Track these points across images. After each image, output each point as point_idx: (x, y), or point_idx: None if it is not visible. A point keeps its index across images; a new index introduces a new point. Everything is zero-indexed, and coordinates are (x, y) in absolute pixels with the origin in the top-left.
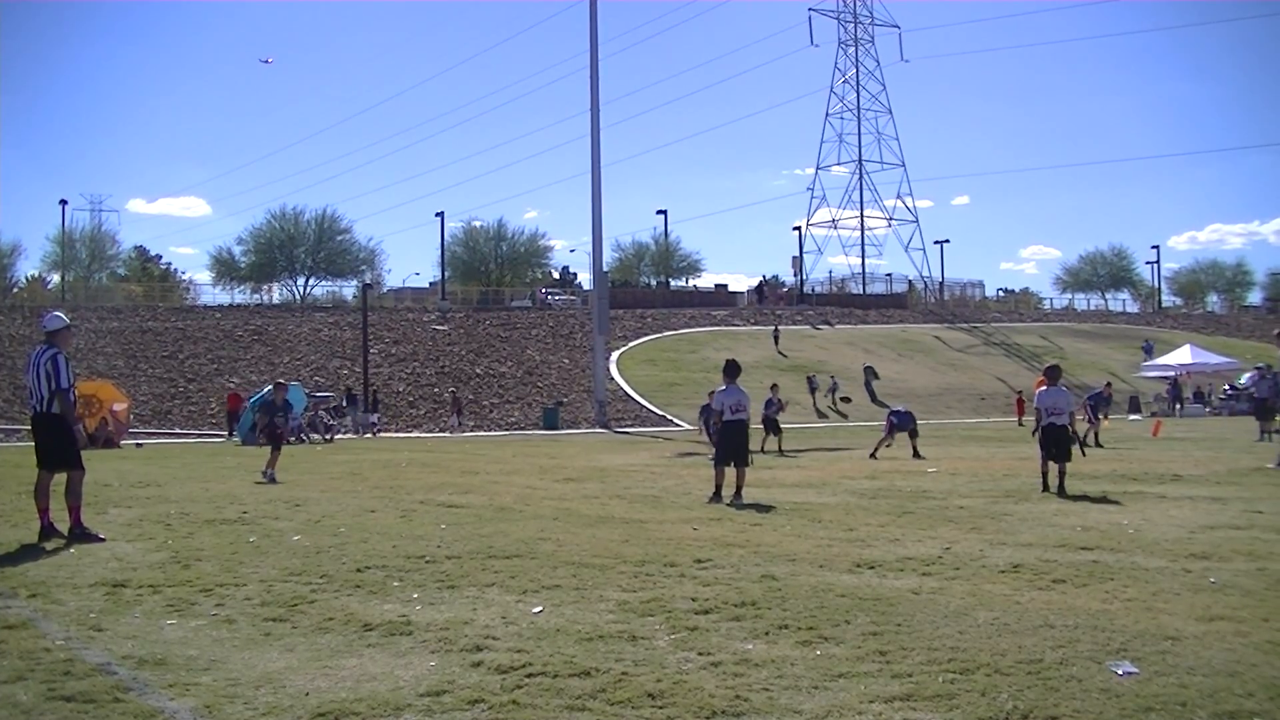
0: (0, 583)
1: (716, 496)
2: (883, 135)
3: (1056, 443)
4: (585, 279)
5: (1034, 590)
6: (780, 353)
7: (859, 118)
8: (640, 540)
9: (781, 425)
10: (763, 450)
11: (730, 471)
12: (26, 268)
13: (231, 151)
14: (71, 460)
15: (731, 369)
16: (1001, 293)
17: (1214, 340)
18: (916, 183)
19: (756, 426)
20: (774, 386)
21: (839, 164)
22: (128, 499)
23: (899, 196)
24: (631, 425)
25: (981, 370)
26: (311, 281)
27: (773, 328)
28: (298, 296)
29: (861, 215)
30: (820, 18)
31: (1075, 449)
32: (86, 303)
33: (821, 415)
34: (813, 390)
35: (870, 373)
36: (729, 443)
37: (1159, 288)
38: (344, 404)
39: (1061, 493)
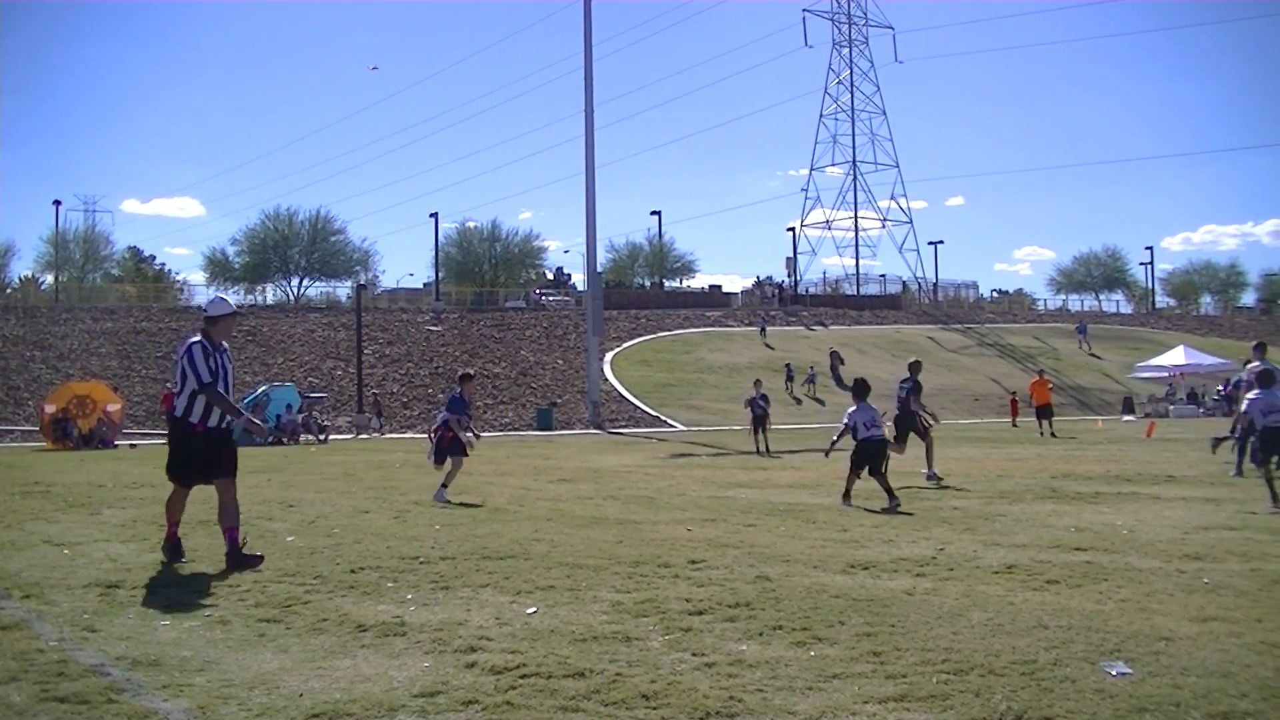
0: None
1: (846, 500)
2: (877, 136)
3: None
4: (579, 280)
5: (1028, 591)
6: (767, 345)
7: (853, 119)
8: (634, 541)
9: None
10: (758, 451)
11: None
12: (20, 268)
13: (225, 152)
14: (226, 468)
15: (862, 388)
16: (995, 294)
17: (1208, 341)
18: (910, 184)
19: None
20: (757, 382)
21: (833, 165)
22: (122, 500)
23: (893, 197)
24: (625, 426)
25: (975, 371)
26: (305, 282)
27: (760, 326)
28: (292, 297)
29: (856, 216)
30: (814, 19)
31: None
32: (80, 303)
33: (797, 401)
34: (789, 379)
35: (835, 357)
36: (868, 456)
37: (1153, 289)
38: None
39: None
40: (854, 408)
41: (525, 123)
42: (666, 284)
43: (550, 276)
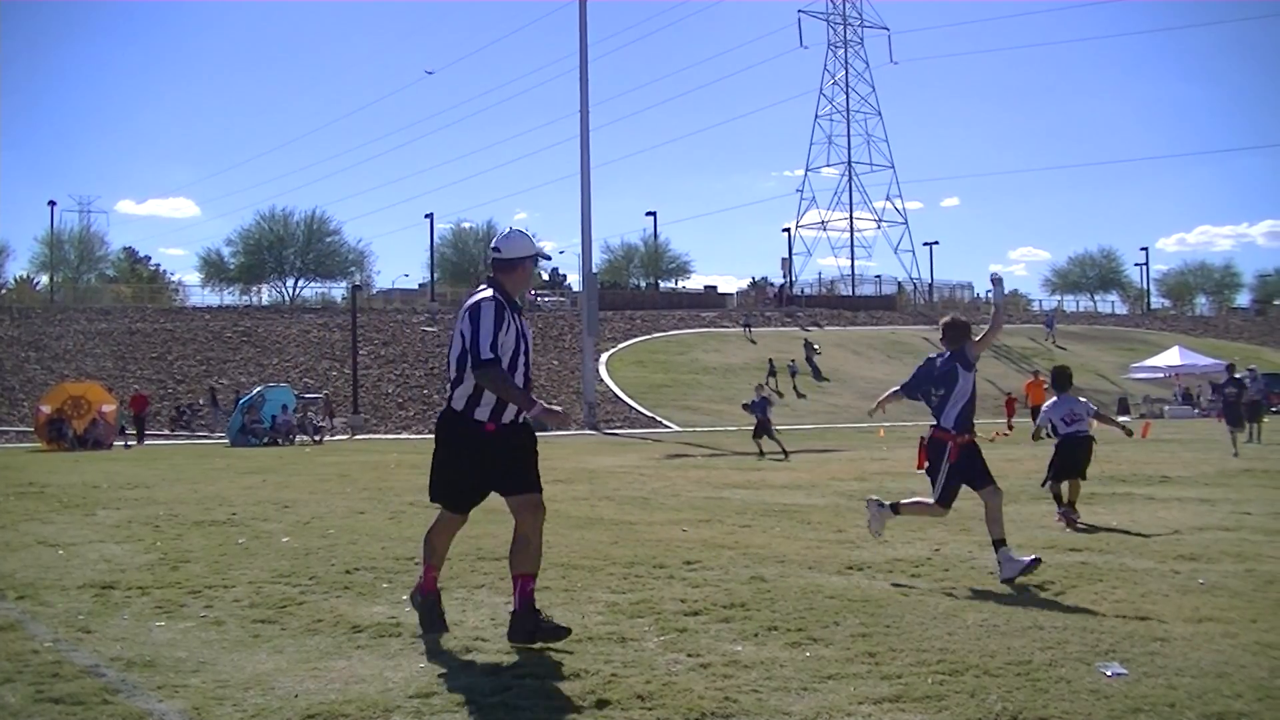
0: None
1: (1070, 508)
2: (872, 137)
3: None
4: (574, 280)
5: (1023, 591)
6: (751, 341)
7: (848, 119)
8: (629, 542)
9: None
10: (783, 452)
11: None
12: (15, 269)
13: (221, 152)
14: (512, 482)
15: (1062, 377)
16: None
17: (1202, 342)
18: (906, 184)
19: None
20: (759, 386)
21: (828, 166)
22: (116, 500)
23: (888, 198)
24: (621, 427)
25: None
26: (301, 283)
27: (744, 324)
28: (287, 298)
29: (851, 217)
30: (809, 20)
31: None
32: (75, 304)
33: (779, 395)
34: (772, 373)
35: (810, 348)
36: (1071, 457)
37: (1147, 289)
38: (206, 403)
39: None
40: (1053, 400)
41: (521, 123)
42: (662, 285)
43: (545, 277)
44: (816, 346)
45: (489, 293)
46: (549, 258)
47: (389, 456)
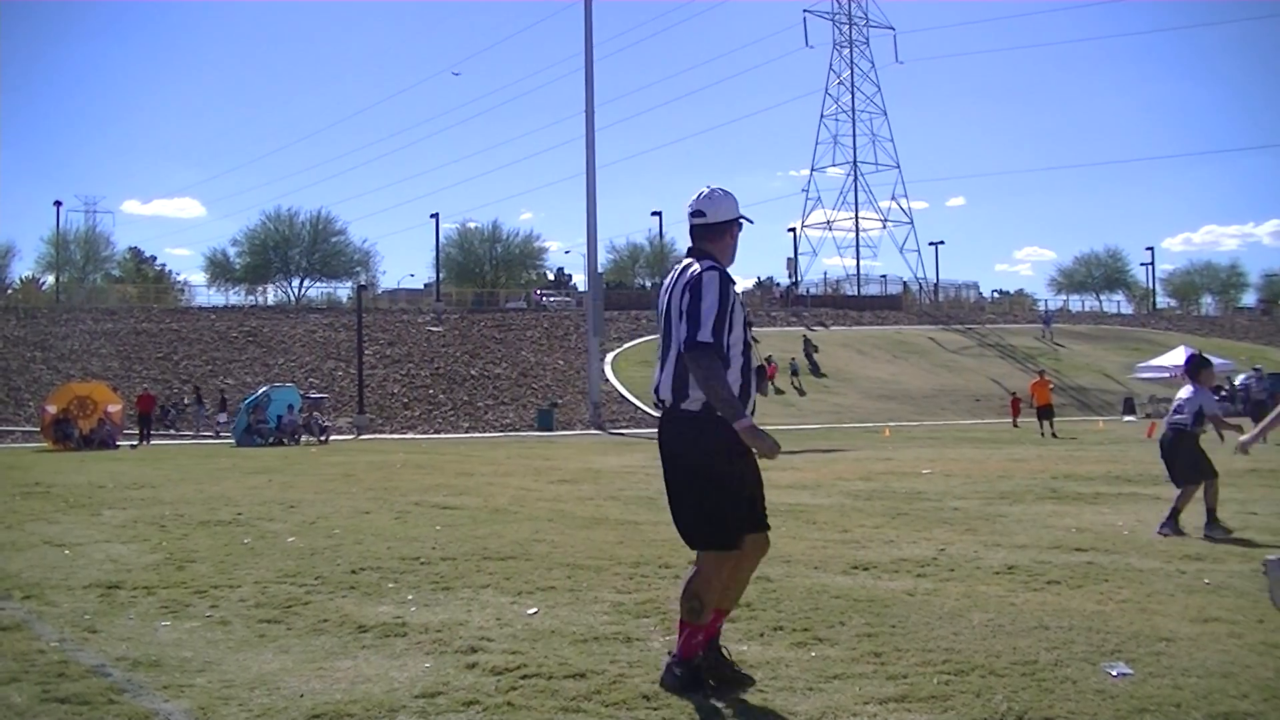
0: None
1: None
2: (877, 137)
3: None
4: (580, 280)
5: (1028, 592)
6: (753, 339)
7: (854, 119)
8: (635, 541)
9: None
10: None
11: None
12: (21, 269)
13: (226, 153)
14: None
15: (1193, 365)
16: (996, 294)
17: (1208, 342)
18: (911, 184)
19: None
20: None
21: (834, 165)
22: (122, 500)
23: (894, 198)
24: (626, 427)
25: (976, 372)
26: (306, 283)
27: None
28: (292, 298)
29: (856, 217)
30: (815, 19)
31: None
32: (81, 304)
33: (779, 391)
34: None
35: (808, 344)
36: (1163, 451)
37: (1153, 289)
38: (191, 403)
39: None
40: (1188, 389)
41: (526, 123)
42: None
43: (551, 277)
44: (815, 344)
45: (710, 263)
46: (752, 221)
47: (394, 456)
